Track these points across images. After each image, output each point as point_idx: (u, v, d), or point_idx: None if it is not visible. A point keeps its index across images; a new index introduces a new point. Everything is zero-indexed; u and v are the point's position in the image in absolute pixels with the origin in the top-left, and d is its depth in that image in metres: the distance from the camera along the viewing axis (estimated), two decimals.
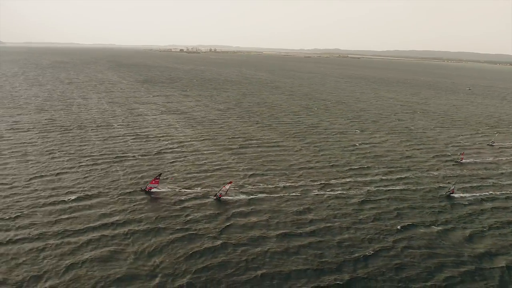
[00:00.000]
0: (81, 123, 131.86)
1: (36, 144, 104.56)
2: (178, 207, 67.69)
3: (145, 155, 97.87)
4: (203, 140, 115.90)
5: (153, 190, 72.85)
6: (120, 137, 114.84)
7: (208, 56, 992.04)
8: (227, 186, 70.99)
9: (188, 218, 63.96)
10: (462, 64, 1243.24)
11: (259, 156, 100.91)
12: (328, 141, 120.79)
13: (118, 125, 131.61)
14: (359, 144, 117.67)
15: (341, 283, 48.53)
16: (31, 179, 78.48)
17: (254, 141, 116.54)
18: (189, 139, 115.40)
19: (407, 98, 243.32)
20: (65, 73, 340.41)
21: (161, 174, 76.01)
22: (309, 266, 51.64)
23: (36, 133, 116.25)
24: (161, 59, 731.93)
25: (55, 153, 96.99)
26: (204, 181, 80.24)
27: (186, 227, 60.91)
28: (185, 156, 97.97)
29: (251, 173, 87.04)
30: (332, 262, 52.68)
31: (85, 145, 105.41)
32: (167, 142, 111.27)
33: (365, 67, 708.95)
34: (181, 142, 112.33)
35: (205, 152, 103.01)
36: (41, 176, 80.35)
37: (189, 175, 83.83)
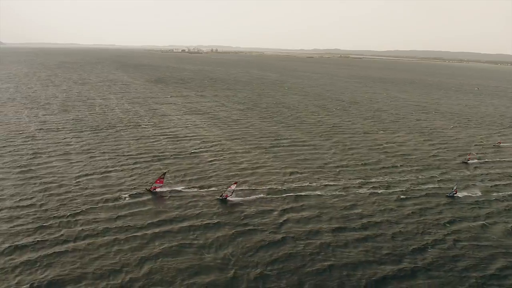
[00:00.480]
0: (109, 123, 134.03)
1: (71, 143, 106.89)
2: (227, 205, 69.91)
3: (181, 154, 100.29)
4: (233, 139, 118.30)
5: (157, 190, 73.34)
6: (152, 137, 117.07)
7: (210, 57, 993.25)
8: (233, 187, 70.94)
9: (245, 214, 66.07)
10: (463, 64, 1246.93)
11: (292, 155, 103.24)
12: (355, 141, 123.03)
13: (145, 125, 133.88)
14: (386, 143, 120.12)
15: (403, 273, 51.13)
16: (78, 177, 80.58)
17: (284, 140, 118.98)
18: (220, 139, 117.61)
19: (420, 98, 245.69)
20: (76, 73, 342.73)
21: (165, 173, 75.99)
22: (370, 258, 54.36)
23: (68, 133, 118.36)
24: (165, 59, 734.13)
25: (94, 152, 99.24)
26: (247, 179, 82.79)
27: (245, 222, 63.09)
28: (221, 155, 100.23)
29: (290, 171, 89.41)
30: (391, 253, 55.13)
31: (120, 144, 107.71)
32: (199, 142, 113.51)
33: (369, 67, 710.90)
34: (212, 141, 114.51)
35: (239, 151, 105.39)
36: (88, 175, 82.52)
37: (230, 173, 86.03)
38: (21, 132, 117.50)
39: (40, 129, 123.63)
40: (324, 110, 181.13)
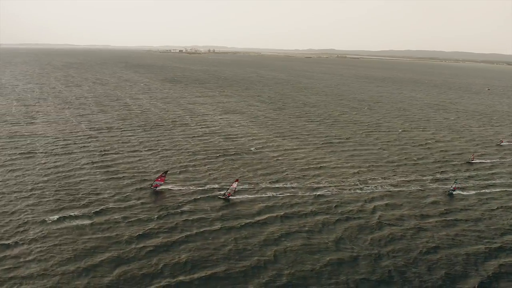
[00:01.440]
0: (156, 122, 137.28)
1: (132, 141, 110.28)
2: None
3: (243, 152, 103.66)
4: (285, 137, 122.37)
5: (159, 188, 73.26)
6: (205, 135, 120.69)
7: (209, 57, 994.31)
8: (235, 185, 70.07)
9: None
10: (461, 64, 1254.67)
11: (345, 151, 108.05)
12: (394, 138, 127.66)
13: (192, 124, 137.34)
14: (430, 141, 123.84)
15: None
16: (158, 172, 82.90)
17: (333, 139, 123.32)
18: (273, 137, 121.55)
19: (437, 98, 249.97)
20: (89, 74, 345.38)
21: (167, 171, 75.92)
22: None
23: (123, 132, 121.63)
24: (167, 59, 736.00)
25: (157, 149, 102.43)
26: (319, 177, 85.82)
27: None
28: (282, 153, 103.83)
29: (352, 166, 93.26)
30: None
31: (178, 142, 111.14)
32: (254, 140, 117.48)
33: (371, 68, 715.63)
34: (266, 139, 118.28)
35: (296, 148, 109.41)
36: (173, 169, 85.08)
37: (304, 170, 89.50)
38: (77, 131, 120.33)
39: (93, 128, 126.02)
40: (352, 109, 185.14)
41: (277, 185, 78.57)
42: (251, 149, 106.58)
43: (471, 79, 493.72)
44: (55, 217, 61.26)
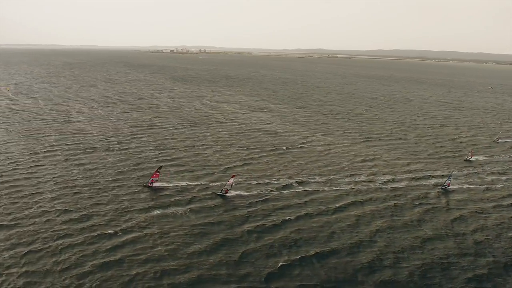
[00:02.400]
0: (193, 120, 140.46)
1: (181, 138, 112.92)
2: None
3: (293, 147, 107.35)
4: (326, 134, 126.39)
5: (154, 184, 72.60)
6: (247, 132, 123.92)
7: (202, 57, 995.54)
8: (231, 180, 69.21)
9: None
10: (451, 64, 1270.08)
11: (392, 148, 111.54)
12: (431, 135, 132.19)
13: (228, 122, 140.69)
14: (459, 137, 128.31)
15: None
16: (228, 168, 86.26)
17: (372, 135, 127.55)
18: (312, 133, 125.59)
19: (445, 96, 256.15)
20: (95, 73, 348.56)
21: (161, 167, 75.70)
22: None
23: (164, 129, 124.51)
24: (162, 59, 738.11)
25: (210, 145, 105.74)
26: (371, 170, 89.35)
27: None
28: (330, 148, 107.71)
29: (403, 161, 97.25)
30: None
31: (228, 138, 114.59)
32: (297, 136, 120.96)
33: (367, 67, 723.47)
34: (308, 135, 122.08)
35: (339, 143, 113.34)
36: (245, 165, 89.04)
37: (359, 163, 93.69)
38: (121, 129, 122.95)
39: (132, 125, 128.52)
40: (371, 107, 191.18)
41: (340, 178, 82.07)
42: (299, 144, 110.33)
43: (467, 78, 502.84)
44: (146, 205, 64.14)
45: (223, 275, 46.03)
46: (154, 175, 72.52)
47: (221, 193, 68.66)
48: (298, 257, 50.19)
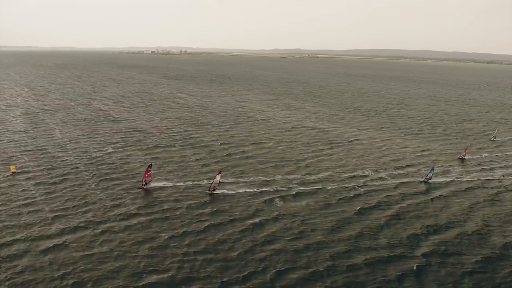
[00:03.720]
0: (233, 118, 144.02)
1: (235, 134, 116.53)
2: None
3: (345, 142, 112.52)
4: (368, 129, 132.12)
5: (147, 185, 69.84)
6: (294, 129, 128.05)
7: (183, 58, 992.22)
8: (218, 177, 67.22)
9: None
10: (431, 63, 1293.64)
11: (438, 140, 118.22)
12: (463, 129, 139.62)
13: (267, 119, 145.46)
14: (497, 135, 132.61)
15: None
16: (307, 162, 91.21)
17: (411, 130, 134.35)
18: (355, 129, 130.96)
19: (450, 94, 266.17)
20: (96, 74, 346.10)
21: (151, 165, 71.03)
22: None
23: (214, 127, 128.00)
24: (149, 60, 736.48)
25: (267, 141, 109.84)
26: (417, 162, 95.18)
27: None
28: (383, 143, 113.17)
29: (454, 153, 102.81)
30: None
31: (278, 134, 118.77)
32: (343, 132, 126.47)
33: (352, 67, 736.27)
34: (353, 131, 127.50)
35: (388, 138, 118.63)
36: (299, 161, 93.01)
37: (419, 158, 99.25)
38: (171, 127, 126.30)
39: (184, 124, 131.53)
40: (390, 105, 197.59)
41: (406, 172, 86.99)
42: (351, 139, 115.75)
43: (457, 76, 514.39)
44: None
45: (214, 276, 45.50)
46: (147, 175, 68.82)
47: (208, 191, 67.21)
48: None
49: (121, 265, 47.35)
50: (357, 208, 65.41)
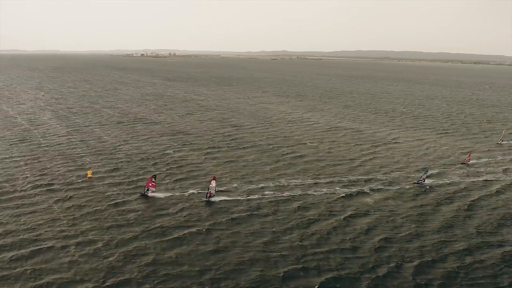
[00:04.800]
0: (267, 120, 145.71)
1: (278, 135, 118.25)
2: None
3: (389, 142, 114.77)
4: (402, 130, 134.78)
5: (150, 193, 67.17)
6: (332, 131, 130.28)
7: (175, 60, 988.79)
8: (213, 183, 64.62)
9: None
10: (419, 64, 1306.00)
11: (470, 141, 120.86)
12: (491, 128, 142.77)
13: (301, 121, 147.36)
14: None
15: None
16: (358, 160, 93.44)
17: (442, 129, 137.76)
18: (387, 130, 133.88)
19: (458, 95, 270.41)
20: (97, 77, 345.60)
21: (155, 176, 69.34)
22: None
23: (252, 128, 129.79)
24: (140, 63, 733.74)
25: (310, 141, 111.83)
26: (446, 162, 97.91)
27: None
28: (422, 143, 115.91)
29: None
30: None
31: (319, 136, 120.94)
32: (377, 131, 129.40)
33: (345, 68, 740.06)
34: (388, 132, 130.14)
35: (427, 138, 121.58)
36: (354, 160, 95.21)
37: (439, 158, 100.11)
38: (210, 130, 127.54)
39: (220, 126, 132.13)
40: (409, 107, 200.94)
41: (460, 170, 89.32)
42: (390, 139, 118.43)
43: (454, 77, 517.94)
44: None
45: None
46: (150, 185, 67.01)
47: (206, 198, 64.43)
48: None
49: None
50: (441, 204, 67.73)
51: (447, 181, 79.43)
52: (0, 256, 47.67)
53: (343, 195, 70.36)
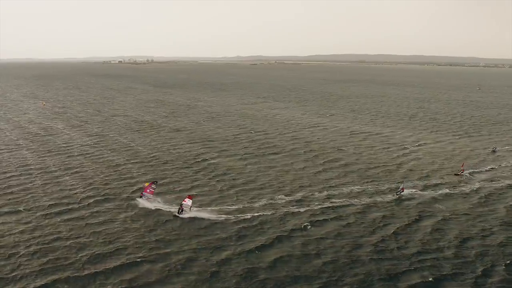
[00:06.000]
0: (283, 126, 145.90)
1: (303, 139, 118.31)
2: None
3: (409, 146, 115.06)
4: (421, 133, 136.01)
5: (145, 198, 66.37)
6: (355, 135, 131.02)
7: (155, 67, 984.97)
8: (189, 201, 62.34)
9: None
10: (396, 66, 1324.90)
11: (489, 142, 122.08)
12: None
13: (317, 126, 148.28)
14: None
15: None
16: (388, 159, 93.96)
17: (464, 133, 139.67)
18: (412, 134, 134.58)
19: (457, 97, 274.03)
20: (87, 85, 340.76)
21: (156, 182, 69.85)
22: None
23: (279, 135, 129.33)
24: (122, 70, 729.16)
25: (339, 146, 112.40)
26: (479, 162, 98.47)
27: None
28: (451, 148, 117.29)
29: None
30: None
31: (341, 140, 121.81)
32: (405, 137, 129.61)
33: (327, 72, 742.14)
34: (412, 136, 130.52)
35: (454, 141, 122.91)
36: (374, 167, 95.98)
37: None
38: (237, 135, 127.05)
39: (241, 132, 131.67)
40: (414, 109, 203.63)
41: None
42: (416, 143, 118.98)
43: (440, 80, 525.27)
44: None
45: None
46: (147, 190, 66.69)
47: (178, 214, 61.53)
48: None
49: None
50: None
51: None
52: (84, 273, 46.16)
53: (406, 198, 71.00)
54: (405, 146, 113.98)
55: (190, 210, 61.79)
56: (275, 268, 47.42)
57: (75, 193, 71.35)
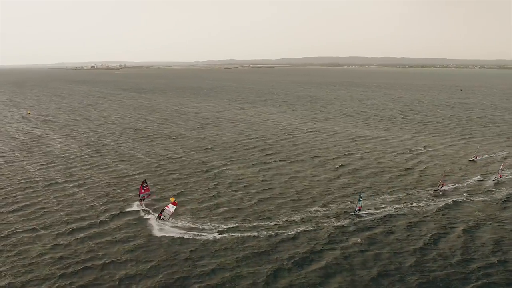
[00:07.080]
0: (290, 133, 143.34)
1: (318, 142, 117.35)
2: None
3: (416, 150, 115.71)
4: (424, 136, 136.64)
5: (144, 200, 67.25)
6: (358, 140, 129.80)
7: (130, 72, 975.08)
8: (172, 208, 60.76)
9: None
10: (369, 69, 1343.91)
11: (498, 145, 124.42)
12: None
13: (319, 132, 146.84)
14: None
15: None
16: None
17: (467, 136, 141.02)
18: (415, 137, 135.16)
19: (443, 98, 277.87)
20: (70, 91, 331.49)
21: (145, 180, 69.73)
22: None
23: (293, 137, 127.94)
24: (96, 76, 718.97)
25: (346, 152, 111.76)
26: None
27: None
28: (456, 150, 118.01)
29: None
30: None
31: (345, 145, 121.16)
32: (407, 140, 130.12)
33: (306, 75, 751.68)
34: (414, 139, 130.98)
35: (452, 144, 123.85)
36: (401, 169, 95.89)
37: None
38: (241, 140, 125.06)
39: (247, 139, 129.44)
40: (407, 112, 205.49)
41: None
42: (421, 146, 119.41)
43: (423, 81, 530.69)
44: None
45: None
46: (143, 191, 67.04)
47: (158, 219, 60.19)
48: None
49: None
50: None
51: None
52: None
53: (440, 205, 70.55)
54: (419, 149, 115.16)
55: (169, 218, 59.35)
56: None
57: (91, 207, 68.81)
